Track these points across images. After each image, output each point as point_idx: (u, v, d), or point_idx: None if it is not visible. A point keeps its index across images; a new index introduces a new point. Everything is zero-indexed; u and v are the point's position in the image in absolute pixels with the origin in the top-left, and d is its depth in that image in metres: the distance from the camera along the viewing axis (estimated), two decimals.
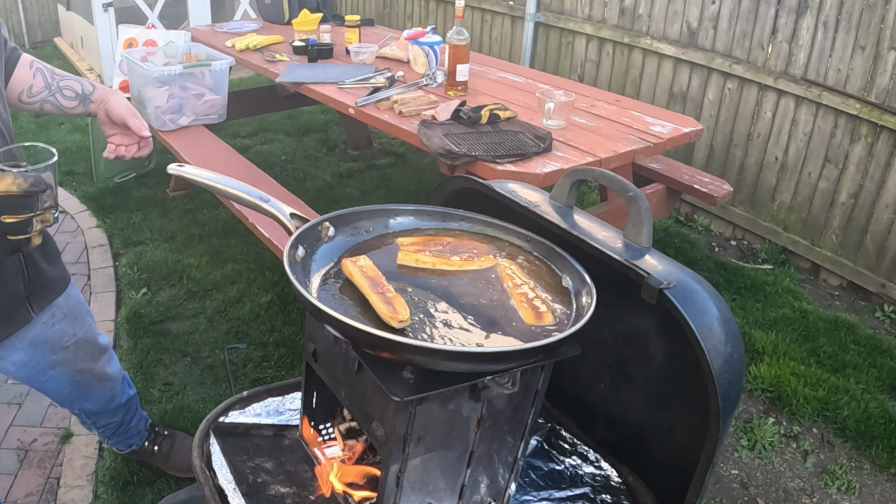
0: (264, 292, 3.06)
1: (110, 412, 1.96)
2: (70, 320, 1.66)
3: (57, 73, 1.53)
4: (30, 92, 1.49)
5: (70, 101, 1.52)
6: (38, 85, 1.50)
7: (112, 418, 1.99)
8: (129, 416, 2.03)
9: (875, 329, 3.05)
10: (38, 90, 1.50)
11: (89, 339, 1.73)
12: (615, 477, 1.28)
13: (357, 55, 3.26)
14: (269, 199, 1.17)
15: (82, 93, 1.53)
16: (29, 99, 1.50)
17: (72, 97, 1.52)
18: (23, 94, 1.49)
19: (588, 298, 1.02)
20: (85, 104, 1.53)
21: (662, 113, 2.70)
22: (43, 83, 1.50)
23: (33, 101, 1.50)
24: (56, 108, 1.52)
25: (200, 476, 1.19)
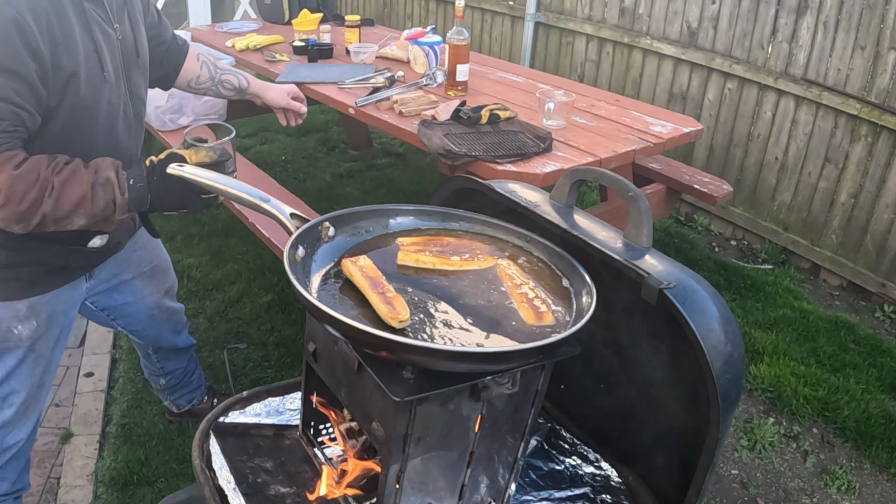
0: (264, 292, 3.06)
1: (179, 354, 2.14)
2: (148, 249, 1.86)
3: (219, 68, 1.85)
4: (197, 81, 1.81)
5: (228, 91, 1.87)
6: (204, 76, 1.81)
7: (179, 363, 2.17)
8: (192, 366, 2.23)
9: (875, 329, 3.05)
10: (203, 80, 1.82)
11: (162, 268, 1.93)
12: (615, 477, 1.28)
13: (357, 55, 3.25)
14: (269, 199, 1.17)
15: (238, 86, 1.87)
16: (196, 86, 1.83)
17: (230, 89, 1.86)
18: (191, 82, 1.81)
19: (588, 298, 1.02)
20: (241, 95, 1.89)
21: (662, 113, 2.69)
22: (208, 75, 1.82)
23: (198, 89, 1.83)
24: (216, 96, 1.88)
25: (200, 476, 1.19)
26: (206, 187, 1.26)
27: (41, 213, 1.24)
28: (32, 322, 1.54)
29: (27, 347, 1.56)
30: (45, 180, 1.23)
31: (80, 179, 1.25)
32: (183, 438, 2.30)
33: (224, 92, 1.85)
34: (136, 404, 2.44)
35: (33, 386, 1.63)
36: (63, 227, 1.29)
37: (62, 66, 1.25)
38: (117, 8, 1.40)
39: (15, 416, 1.63)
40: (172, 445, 2.26)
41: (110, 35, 1.37)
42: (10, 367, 1.57)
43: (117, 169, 1.30)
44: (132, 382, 2.55)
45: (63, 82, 1.26)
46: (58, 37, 1.23)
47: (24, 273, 1.48)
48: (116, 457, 2.22)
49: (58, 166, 1.25)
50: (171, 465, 2.19)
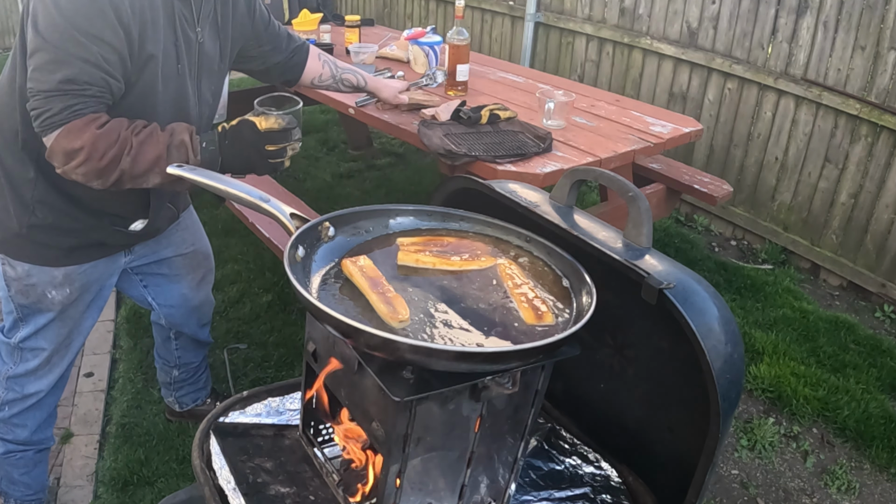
0: (264, 292, 3.06)
1: (197, 347, 2.18)
2: (191, 231, 1.94)
3: (339, 66, 2.01)
4: (319, 79, 1.97)
5: (347, 88, 2.07)
6: (326, 75, 1.98)
7: (195, 357, 2.21)
8: (204, 364, 2.27)
9: (875, 329, 3.05)
10: (325, 79, 1.99)
11: (203, 252, 2.00)
12: (615, 477, 1.28)
13: (357, 55, 3.25)
14: (269, 199, 1.17)
15: (357, 84, 2.08)
16: (318, 83, 1.98)
17: (349, 87, 2.06)
18: (314, 80, 1.96)
19: (588, 298, 1.02)
20: (359, 91, 2.15)
21: (662, 113, 2.69)
22: (330, 74, 1.98)
23: (320, 86, 2.00)
24: (336, 91, 2.07)
25: (200, 476, 1.19)
26: (205, 188, 1.26)
27: (119, 170, 1.33)
28: (66, 290, 1.64)
29: (58, 311, 1.67)
30: (125, 140, 1.32)
31: (157, 140, 1.35)
32: (183, 438, 2.30)
33: (343, 88, 2.05)
34: (136, 404, 2.44)
35: (59, 344, 1.74)
36: (139, 185, 1.39)
37: (146, 47, 1.37)
38: (204, 14, 1.52)
39: (38, 367, 1.74)
40: (172, 445, 2.26)
41: (191, 37, 1.49)
42: (40, 326, 1.68)
43: (191, 133, 1.39)
44: (132, 382, 2.55)
45: (143, 62, 1.38)
46: (147, 21, 1.36)
47: (64, 241, 1.58)
48: (116, 457, 2.22)
49: (137, 128, 1.35)
50: (171, 465, 2.19)
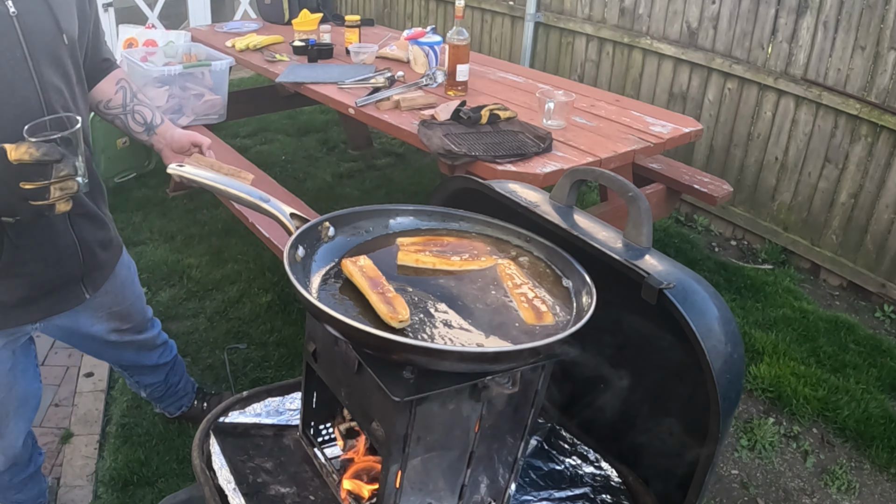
0: (264, 292, 3.06)
1: (153, 371, 2.08)
2: (113, 295, 1.75)
3: (138, 98, 1.67)
4: (107, 105, 1.66)
5: (137, 125, 1.67)
6: (117, 102, 1.65)
7: (156, 377, 2.12)
8: (174, 378, 2.18)
9: (875, 329, 3.05)
10: (114, 106, 1.66)
11: (124, 313, 1.82)
12: (615, 477, 1.28)
13: (357, 55, 3.25)
14: (269, 199, 1.17)
15: (150, 122, 1.67)
16: (105, 110, 1.66)
17: (140, 123, 1.67)
18: (101, 104, 1.66)
19: (588, 298, 1.02)
20: (149, 133, 1.68)
21: (662, 113, 2.70)
22: (121, 102, 1.65)
23: (108, 114, 1.66)
24: (123, 127, 1.66)
25: (200, 476, 1.19)
26: (205, 187, 1.26)
27: None
28: None
29: None
30: None
31: None
32: (183, 438, 2.30)
33: (132, 125, 1.66)
34: (136, 404, 2.44)
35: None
36: None
37: None
38: None
39: None
40: (172, 445, 2.26)
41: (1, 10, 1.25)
42: None
43: None
44: None
45: None
46: None
47: None
48: (116, 457, 2.22)
49: None
50: (171, 465, 2.19)
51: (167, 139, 1.66)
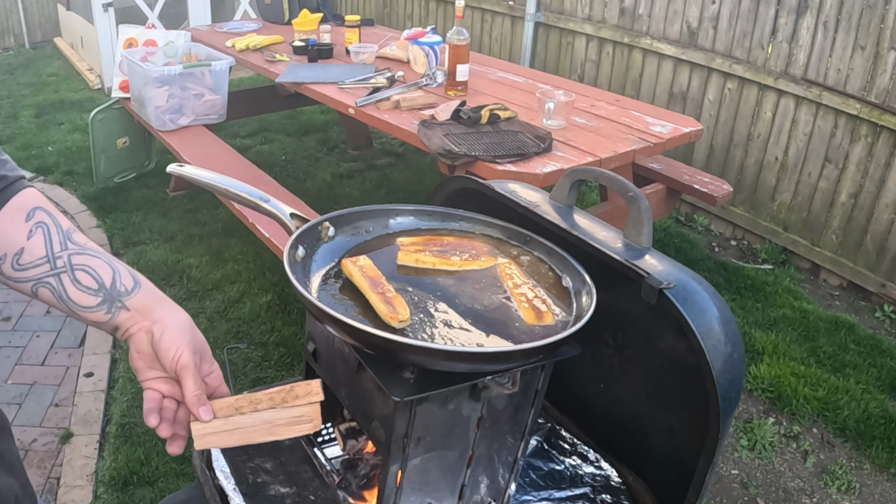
0: (264, 292, 3.06)
1: None
2: None
3: (75, 240, 0.87)
4: (17, 262, 0.84)
5: (85, 292, 0.85)
6: (35, 251, 0.85)
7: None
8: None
9: (875, 329, 3.05)
10: (32, 261, 0.85)
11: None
12: (615, 477, 1.28)
13: (357, 55, 3.25)
14: (269, 199, 1.17)
15: (111, 286, 0.86)
16: (14, 272, 0.84)
17: (89, 288, 0.85)
18: (3, 263, 0.84)
19: (588, 298, 1.02)
20: (111, 307, 0.86)
21: (662, 113, 2.70)
22: (44, 251, 0.85)
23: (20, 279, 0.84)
24: (57, 300, 0.85)
25: (200, 476, 1.19)
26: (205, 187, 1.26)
27: None
28: None
29: None
30: None
31: None
32: None
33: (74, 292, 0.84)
34: (136, 404, 2.44)
35: None
36: None
37: None
38: None
39: None
40: None
41: None
42: None
43: None
44: (132, 382, 2.55)
45: None
46: None
47: None
48: (116, 457, 2.22)
49: None
50: (171, 465, 2.19)
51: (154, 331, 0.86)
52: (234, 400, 0.89)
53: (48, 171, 4.35)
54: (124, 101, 3.76)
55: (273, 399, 0.89)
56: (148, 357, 0.87)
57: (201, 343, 0.90)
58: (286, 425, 0.90)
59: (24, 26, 7.46)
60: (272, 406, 0.89)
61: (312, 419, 0.90)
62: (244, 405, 0.88)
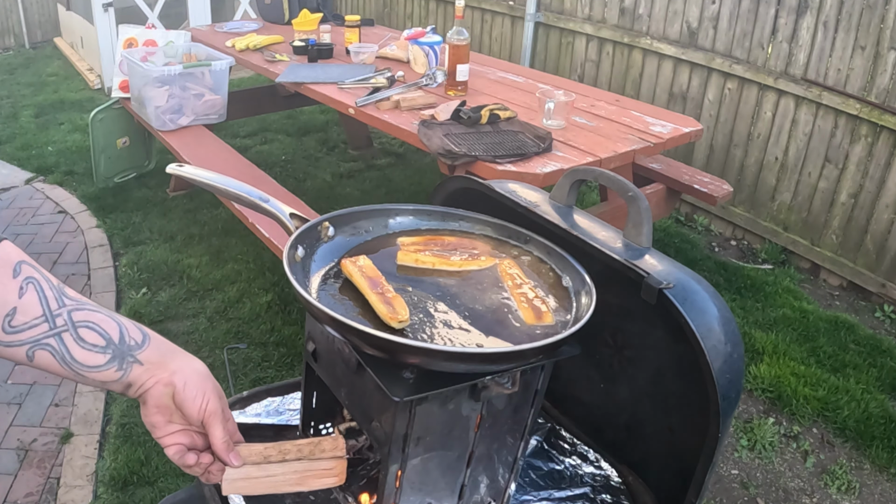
0: (264, 292, 3.06)
1: None
2: None
3: (70, 295, 0.79)
4: (9, 324, 0.75)
5: (91, 350, 0.78)
6: (30, 310, 0.76)
7: None
8: None
9: (875, 329, 3.05)
10: (27, 321, 0.75)
11: None
12: (615, 477, 1.28)
13: (357, 55, 3.25)
14: (268, 199, 1.16)
15: (119, 341, 0.80)
16: (5, 335, 0.75)
17: (96, 345, 0.79)
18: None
19: (588, 298, 1.02)
20: (122, 363, 0.80)
21: (662, 113, 2.69)
22: (40, 308, 0.76)
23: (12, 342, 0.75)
24: (59, 362, 0.77)
25: None
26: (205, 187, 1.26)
27: None
28: None
29: None
30: None
31: None
32: None
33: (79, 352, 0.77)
34: (136, 404, 2.44)
35: None
36: None
37: None
38: None
39: None
40: None
41: None
42: None
43: None
44: None
45: None
46: None
47: None
48: (116, 457, 2.22)
49: None
50: (171, 466, 2.19)
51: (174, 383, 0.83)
52: (262, 448, 0.91)
53: (48, 171, 4.35)
54: (124, 101, 3.77)
55: (301, 451, 0.92)
56: (167, 410, 0.84)
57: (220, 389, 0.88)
58: (313, 477, 0.92)
59: (24, 26, 7.46)
60: (299, 457, 0.91)
61: (338, 474, 0.93)
62: (273, 454, 0.91)
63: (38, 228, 3.72)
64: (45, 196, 4.09)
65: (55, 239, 3.62)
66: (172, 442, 0.86)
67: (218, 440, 0.85)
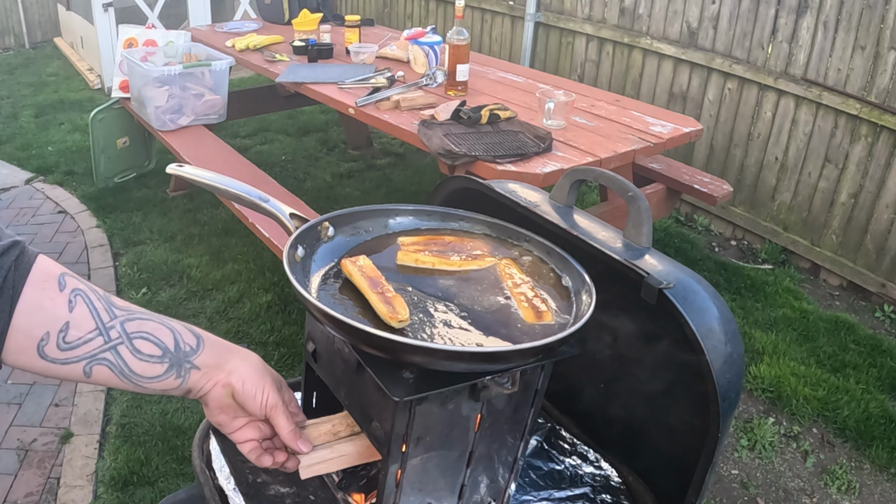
0: (264, 292, 3.06)
1: None
2: None
3: (118, 305, 0.76)
4: (63, 340, 0.71)
5: (148, 361, 0.77)
6: (84, 324, 0.72)
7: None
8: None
9: (875, 329, 3.05)
10: (81, 336, 0.72)
11: None
12: (615, 477, 1.28)
13: (357, 55, 3.25)
14: (268, 199, 1.16)
15: (175, 349, 0.79)
16: (61, 352, 0.71)
17: (153, 356, 0.77)
18: (46, 345, 0.71)
19: (588, 298, 1.02)
20: (180, 370, 0.79)
21: (662, 113, 2.70)
22: (93, 322, 0.73)
23: (68, 359, 0.72)
24: (118, 376, 0.75)
25: (200, 476, 1.19)
26: (205, 187, 1.26)
27: None
28: None
29: None
30: None
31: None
32: (183, 438, 2.30)
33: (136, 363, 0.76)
34: (136, 404, 2.44)
35: None
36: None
37: None
38: None
39: None
40: (172, 445, 2.26)
41: None
42: None
43: None
44: None
45: None
46: None
47: None
48: (116, 457, 2.22)
49: None
50: (171, 465, 2.19)
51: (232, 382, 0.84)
52: (330, 426, 0.96)
53: (48, 171, 4.36)
54: (124, 101, 3.77)
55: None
56: (230, 409, 0.86)
57: (278, 377, 0.90)
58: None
59: (24, 26, 7.46)
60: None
61: None
62: (341, 429, 0.95)
63: (38, 228, 3.72)
64: (45, 196, 4.09)
65: (55, 239, 3.62)
66: (244, 439, 0.88)
67: (284, 431, 0.88)
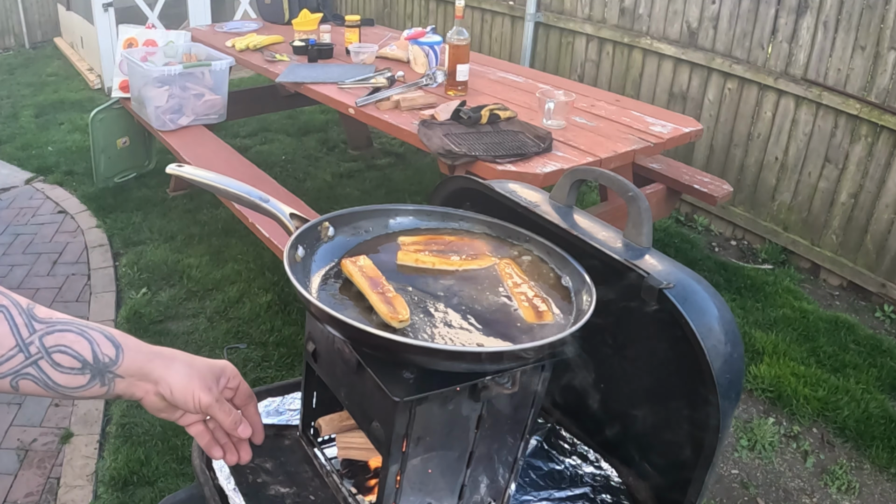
0: (264, 292, 3.06)
1: None
2: None
3: (40, 318, 0.77)
4: None
5: (69, 374, 0.78)
6: (4, 342, 0.74)
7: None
8: None
9: (875, 329, 3.05)
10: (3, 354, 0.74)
11: None
12: (615, 477, 1.28)
13: (357, 55, 3.25)
14: (268, 199, 1.16)
15: (94, 360, 0.79)
16: None
17: (72, 368, 0.78)
18: None
19: (588, 298, 1.02)
20: (103, 379, 0.80)
21: (662, 113, 2.70)
22: (13, 339, 0.74)
23: None
24: (44, 388, 0.77)
25: (200, 476, 1.19)
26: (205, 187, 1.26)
27: None
28: None
29: None
30: None
31: None
32: (183, 438, 2.30)
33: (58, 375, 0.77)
34: (136, 404, 2.44)
35: None
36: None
37: None
38: None
39: None
40: (172, 445, 2.26)
41: None
42: None
43: None
44: None
45: None
46: None
47: None
48: (116, 457, 2.22)
49: None
50: (171, 465, 2.19)
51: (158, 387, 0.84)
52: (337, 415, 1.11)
53: (48, 171, 4.36)
54: (124, 101, 3.77)
55: None
56: (169, 409, 0.87)
57: (207, 370, 0.90)
58: None
59: (24, 26, 7.46)
60: None
61: None
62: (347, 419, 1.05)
63: (38, 228, 3.72)
64: (45, 196, 4.09)
65: (55, 239, 3.62)
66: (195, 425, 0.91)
67: (224, 423, 0.90)
